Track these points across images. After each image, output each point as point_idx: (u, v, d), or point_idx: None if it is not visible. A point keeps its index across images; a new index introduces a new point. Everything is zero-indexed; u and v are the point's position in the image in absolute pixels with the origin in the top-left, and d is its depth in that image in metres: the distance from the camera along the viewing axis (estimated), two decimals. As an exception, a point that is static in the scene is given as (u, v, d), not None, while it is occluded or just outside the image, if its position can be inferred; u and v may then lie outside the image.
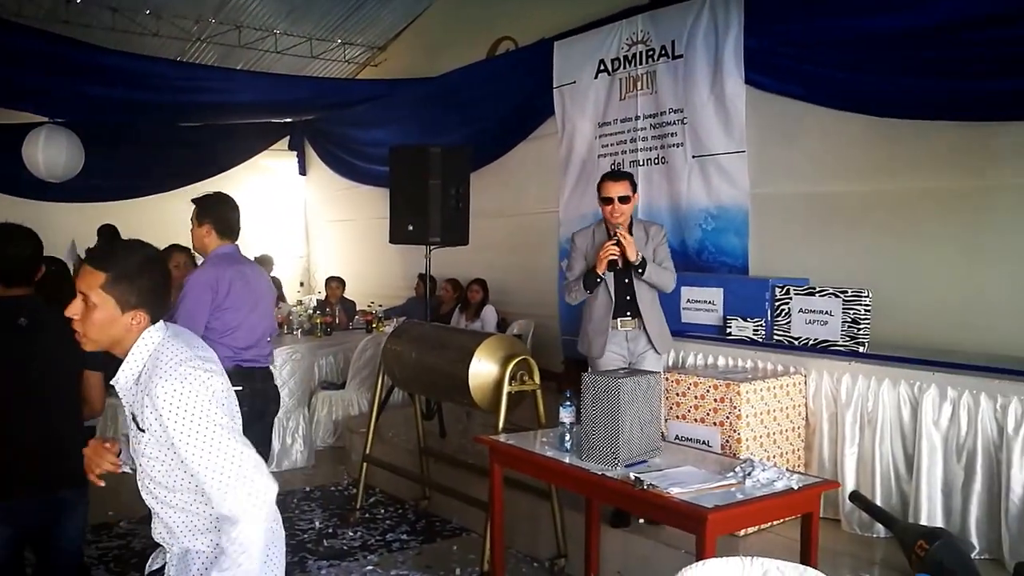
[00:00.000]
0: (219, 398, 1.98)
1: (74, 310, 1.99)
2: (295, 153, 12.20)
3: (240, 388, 3.46)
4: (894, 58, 5.11)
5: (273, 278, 8.68)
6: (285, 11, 9.58)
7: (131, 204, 10.01)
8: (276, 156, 12.04)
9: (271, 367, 4.05)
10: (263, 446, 3.86)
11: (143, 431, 1.99)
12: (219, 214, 3.84)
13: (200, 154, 10.64)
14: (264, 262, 9.41)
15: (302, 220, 12.50)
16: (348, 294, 9.04)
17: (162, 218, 10.02)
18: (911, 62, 5.04)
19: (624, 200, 4.25)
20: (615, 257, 4.19)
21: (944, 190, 5.07)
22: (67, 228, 8.70)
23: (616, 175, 4.36)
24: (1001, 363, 4.05)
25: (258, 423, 3.76)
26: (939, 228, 5.07)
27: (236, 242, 3.94)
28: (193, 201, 3.88)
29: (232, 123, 10.81)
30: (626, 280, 4.32)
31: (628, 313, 4.32)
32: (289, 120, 11.64)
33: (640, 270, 4.22)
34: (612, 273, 4.29)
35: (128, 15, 8.86)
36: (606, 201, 4.27)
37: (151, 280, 2.01)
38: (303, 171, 12.32)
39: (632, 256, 4.19)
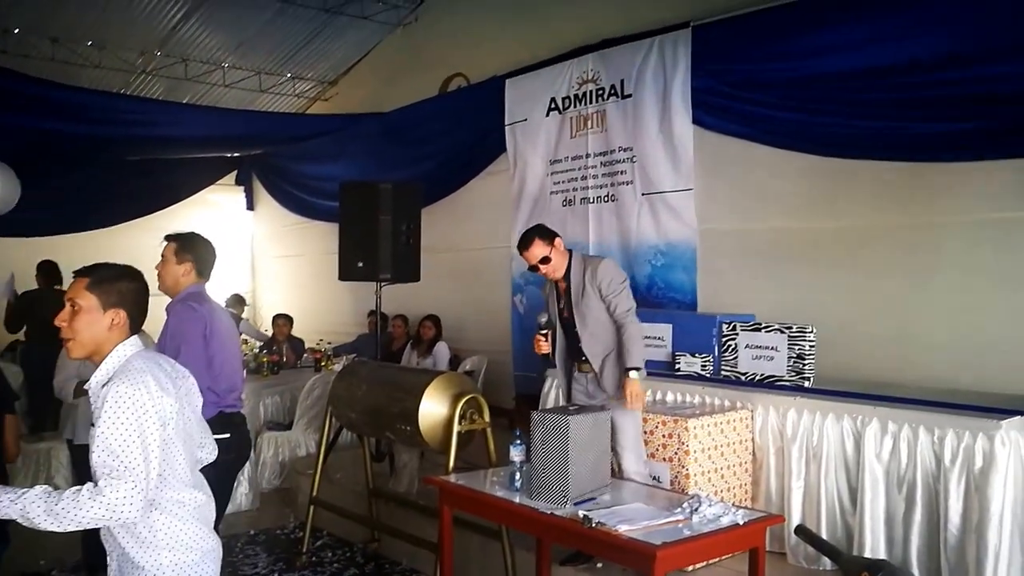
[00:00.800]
0: (163, 417, 2.16)
1: (62, 317, 2.26)
2: (243, 188, 12.08)
3: (228, 436, 3.41)
4: (834, 99, 5.29)
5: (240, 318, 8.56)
6: (233, 44, 9.53)
7: (73, 239, 9.76)
8: (223, 191, 11.89)
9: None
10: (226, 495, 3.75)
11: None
12: (200, 253, 3.73)
13: (145, 189, 10.44)
14: (238, 302, 9.30)
15: (248, 255, 12.33)
16: (296, 331, 8.91)
17: (106, 254, 9.82)
18: (851, 104, 5.23)
19: (545, 261, 4.12)
20: (544, 352, 4.22)
21: (885, 227, 5.24)
22: (5, 263, 8.44)
23: (522, 240, 4.18)
24: (938, 396, 4.17)
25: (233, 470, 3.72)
26: (880, 265, 5.23)
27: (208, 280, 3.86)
28: (171, 237, 3.75)
29: (179, 157, 10.67)
30: (573, 330, 4.21)
31: (583, 358, 4.24)
32: (237, 155, 11.53)
33: (639, 370, 4.04)
34: (560, 325, 4.25)
35: (69, 46, 8.72)
36: (532, 269, 4.20)
37: (128, 284, 2.33)
38: (251, 206, 12.18)
39: (639, 390, 4.03)
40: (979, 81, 4.62)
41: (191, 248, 3.71)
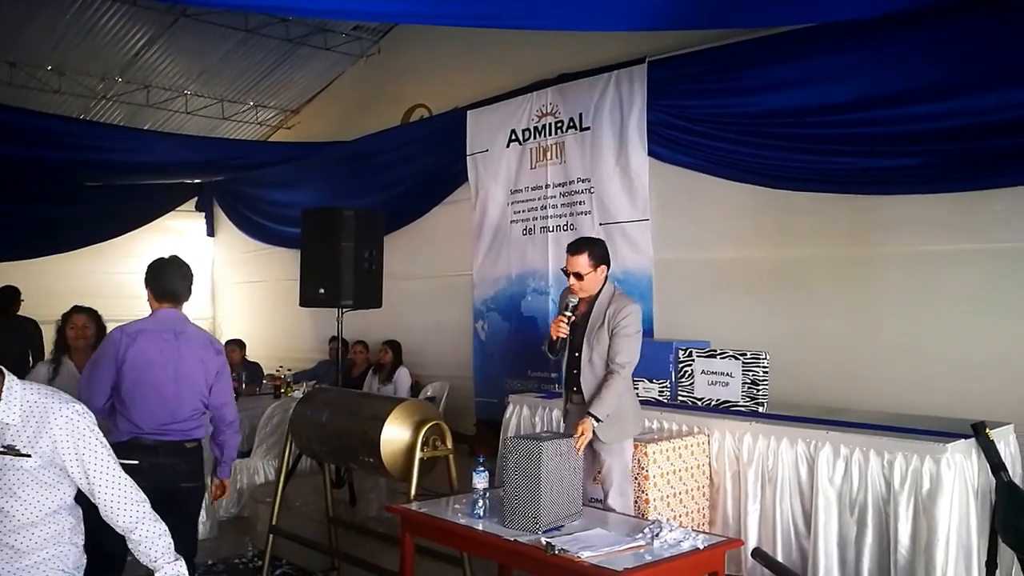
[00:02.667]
0: None
1: None
2: (203, 214, 11.99)
3: (136, 462, 3.35)
4: (784, 134, 5.51)
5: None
6: (196, 72, 9.52)
7: (30, 264, 9.61)
8: (184, 217, 11.80)
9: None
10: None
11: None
12: (153, 280, 3.76)
13: (104, 214, 10.34)
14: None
15: (209, 282, 12.22)
16: (256, 357, 8.82)
17: (64, 279, 9.68)
18: (800, 139, 5.45)
19: (578, 277, 3.95)
20: (561, 336, 3.98)
21: (834, 257, 5.43)
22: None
23: (573, 247, 4.04)
24: (887, 421, 4.32)
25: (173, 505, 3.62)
26: (830, 293, 5.40)
27: (178, 305, 3.78)
28: None
29: (139, 183, 10.57)
30: (576, 354, 4.02)
31: (575, 388, 4.03)
32: (198, 181, 11.46)
33: (602, 418, 3.82)
34: (569, 344, 4.04)
35: (28, 70, 8.64)
36: (566, 274, 4.02)
37: None
38: (211, 232, 12.09)
39: (590, 433, 3.76)
40: (921, 119, 4.87)
41: (147, 276, 3.77)
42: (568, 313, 3.96)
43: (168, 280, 3.76)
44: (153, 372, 3.62)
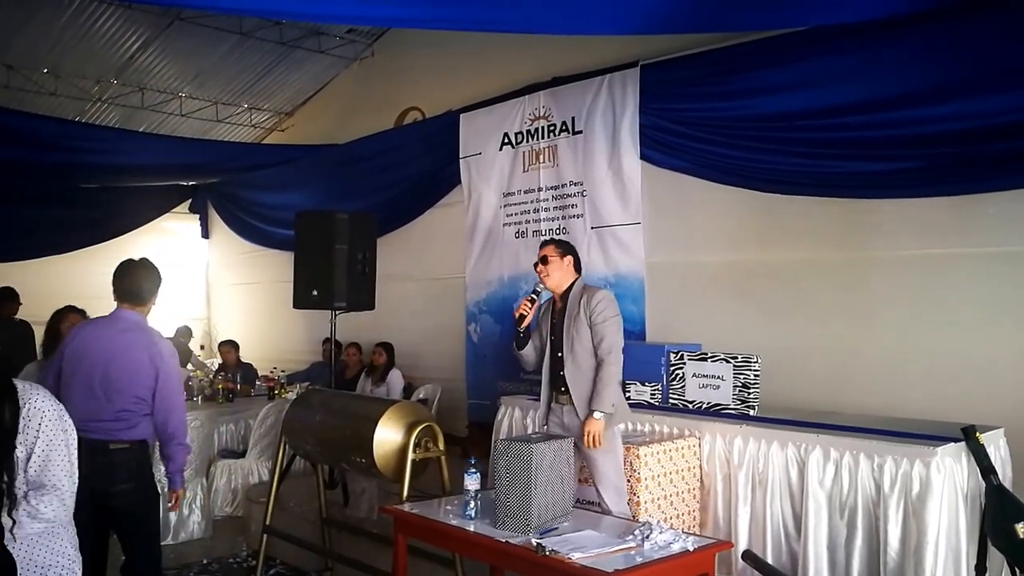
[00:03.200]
0: None
1: None
2: (198, 216, 11.99)
3: None
4: (776, 138, 5.53)
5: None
6: (191, 75, 9.52)
7: (24, 266, 9.60)
8: (178, 219, 11.80)
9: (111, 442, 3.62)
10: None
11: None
12: (114, 277, 3.81)
13: (99, 216, 10.35)
14: (184, 333, 9.52)
15: (203, 283, 12.22)
16: (251, 358, 8.83)
17: (59, 281, 9.67)
18: (791, 142, 5.47)
19: (544, 261, 4.16)
20: (523, 313, 4.10)
21: (822, 261, 5.45)
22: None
23: (542, 242, 4.35)
24: (877, 424, 4.35)
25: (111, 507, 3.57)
26: (821, 297, 5.43)
27: (137, 305, 3.79)
28: None
29: (133, 185, 10.58)
30: (559, 354, 4.13)
31: (562, 388, 4.12)
32: (192, 183, 11.46)
33: (607, 411, 3.96)
34: (548, 345, 4.15)
35: (24, 73, 8.63)
36: (535, 265, 4.24)
37: None
38: (206, 234, 12.09)
39: (602, 428, 3.94)
40: (914, 122, 4.88)
41: (113, 275, 3.82)
42: (532, 298, 4.11)
43: (128, 280, 3.78)
44: (85, 365, 3.61)
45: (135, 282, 3.79)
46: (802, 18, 4.86)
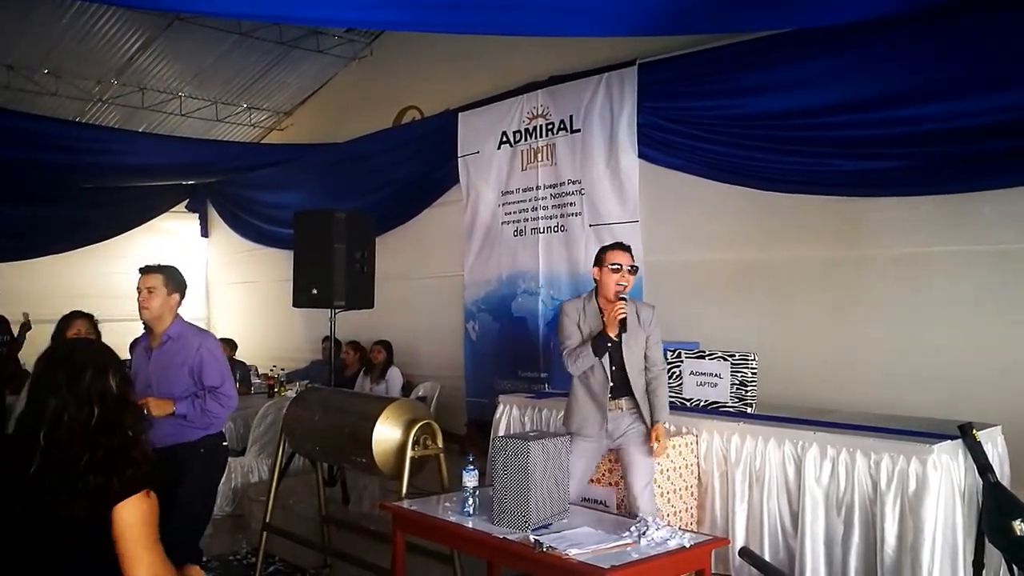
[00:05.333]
0: None
1: None
2: (197, 215, 12.01)
3: None
4: (771, 137, 5.55)
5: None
6: (190, 75, 9.54)
7: (22, 265, 9.62)
8: (177, 218, 11.82)
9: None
10: None
11: None
12: (184, 286, 4.02)
13: (98, 216, 10.36)
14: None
15: (203, 282, 12.23)
16: (250, 357, 8.84)
17: (58, 280, 9.69)
18: (787, 141, 5.50)
19: (633, 271, 4.08)
20: (625, 315, 3.96)
21: (822, 259, 5.47)
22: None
23: (623, 245, 4.20)
24: (873, 422, 4.35)
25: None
26: (818, 295, 5.45)
27: None
28: (156, 269, 3.96)
29: (133, 185, 10.59)
30: (620, 357, 4.04)
31: (623, 394, 4.05)
32: (191, 182, 11.48)
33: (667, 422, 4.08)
34: (608, 352, 4.03)
35: (25, 73, 8.65)
36: (615, 268, 4.02)
37: None
38: (205, 233, 12.11)
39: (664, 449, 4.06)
40: (908, 121, 4.91)
41: (179, 282, 4.06)
42: (624, 297, 4.02)
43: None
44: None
45: None
46: (798, 19, 4.88)
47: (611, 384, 4.04)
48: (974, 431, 3.93)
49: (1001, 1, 4.47)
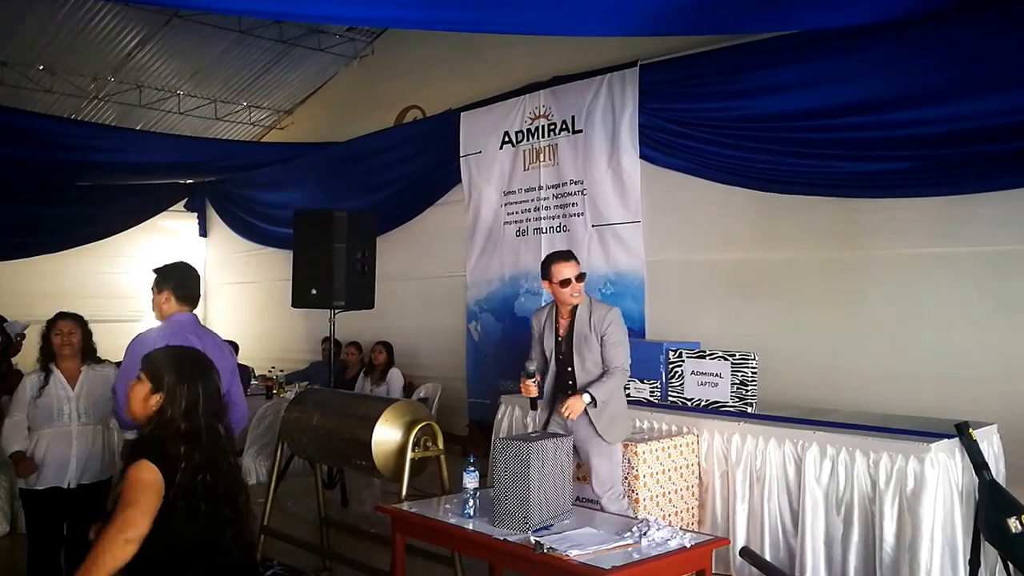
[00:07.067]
0: None
1: None
2: (195, 214, 11.99)
3: None
4: (772, 138, 5.56)
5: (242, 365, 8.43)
6: (189, 72, 9.51)
7: (18, 264, 9.59)
8: (176, 217, 11.79)
9: None
10: None
11: None
12: (179, 280, 3.77)
13: (94, 214, 10.33)
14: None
15: (201, 282, 12.19)
16: (250, 358, 8.81)
17: (55, 279, 9.67)
18: (788, 142, 5.50)
19: (580, 278, 4.10)
20: (534, 395, 4.13)
21: (822, 260, 5.48)
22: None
23: (564, 255, 4.18)
24: (872, 422, 4.37)
25: None
26: (817, 295, 5.45)
27: (194, 311, 3.83)
28: (153, 271, 3.84)
29: (130, 183, 10.56)
30: (568, 368, 4.15)
31: (568, 392, 4.12)
32: (190, 181, 11.45)
33: (594, 405, 4.00)
34: (554, 359, 4.18)
35: (19, 70, 8.60)
36: (563, 283, 4.07)
37: None
38: (204, 232, 12.09)
39: (580, 410, 4.00)
40: (910, 123, 4.92)
41: (167, 276, 3.81)
42: (532, 378, 4.11)
43: (192, 284, 3.82)
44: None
45: (196, 287, 3.85)
46: (800, 21, 4.88)
47: (555, 389, 4.16)
48: (970, 430, 3.96)
49: (1001, 4, 4.47)
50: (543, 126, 7.07)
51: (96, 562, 2.18)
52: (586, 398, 4.00)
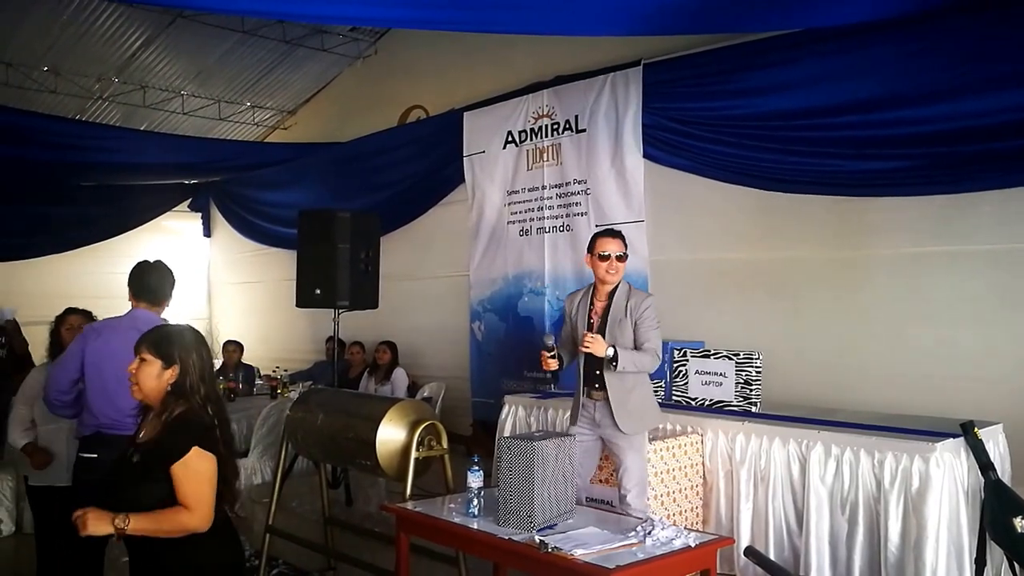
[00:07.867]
0: None
1: None
2: (199, 214, 12.01)
3: (95, 456, 3.43)
4: (776, 137, 5.56)
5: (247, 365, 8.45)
6: (193, 73, 9.53)
7: (23, 265, 9.62)
8: (180, 217, 11.81)
9: None
10: None
11: None
12: (131, 277, 3.88)
13: (99, 214, 10.36)
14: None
15: (205, 282, 12.23)
16: (253, 358, 8.83)
17: (60, 279, 9.69)
18: (791, 141, 5.50)
19: (621, 259, 4.08)
20: (554, 368, 4.11)
21: (826, 259, 5.48)
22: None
23: (612, 232, 4.16)
24: (877, 421, 4.36)
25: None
26: (821, 294, 5.45)
27: (154, 305, 3.86)
28: None
29: (134, 184, 10.58)
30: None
31: (596, 385, 4.08)
32: (194, 182, 11.48)
33: (613, 364, 3.92)
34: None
35: (24, 70, 8.62)
36: (603, 258, 4.06)
37: None
38: (208, 233, 12.11)
39: (600, 353, 3.94)
40: (911, 122, 4.92)
41: (129, 276, 3.91)
42: (551, 353, 4.11)
43: (146, 280, 3.85)
44: (112, 365, 3.58)
45: (153, 282, 3.86)
46: (803, 19, 4.88)
47: (583, 376, 4.13)
48: (976, 429, 3.95)
49: (1001, 4, 4.46)
50: (546, 125, 7.07)
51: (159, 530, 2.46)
52: (610, 351, 3.93)
